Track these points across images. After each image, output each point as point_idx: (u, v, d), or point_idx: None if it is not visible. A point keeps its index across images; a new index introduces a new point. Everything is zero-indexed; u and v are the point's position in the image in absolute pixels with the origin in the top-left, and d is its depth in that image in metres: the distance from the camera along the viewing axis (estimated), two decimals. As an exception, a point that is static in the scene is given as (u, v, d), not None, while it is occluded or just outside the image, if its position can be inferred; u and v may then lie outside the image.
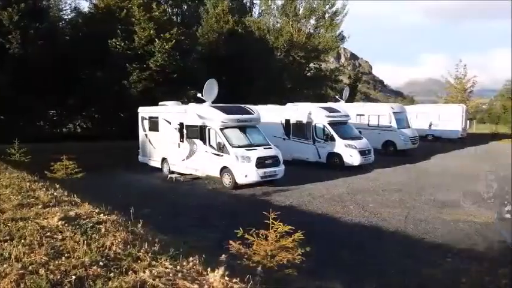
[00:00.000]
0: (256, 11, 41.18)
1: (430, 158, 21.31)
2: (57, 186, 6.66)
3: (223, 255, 3.41)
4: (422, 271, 6.61)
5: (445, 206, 11.01)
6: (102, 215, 4.59)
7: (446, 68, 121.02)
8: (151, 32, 23.13)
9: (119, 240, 3.53)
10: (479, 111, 60.97)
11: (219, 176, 13.84)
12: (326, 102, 25.51)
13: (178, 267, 3.00)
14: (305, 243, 4.57)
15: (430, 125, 30.71)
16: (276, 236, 3.96)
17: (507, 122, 37.06)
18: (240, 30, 30.43)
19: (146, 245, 3.42)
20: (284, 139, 18.69)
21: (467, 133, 32.39)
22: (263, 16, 40.05)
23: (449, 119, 30.30)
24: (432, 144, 28.11)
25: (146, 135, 17.67)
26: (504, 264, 7.03)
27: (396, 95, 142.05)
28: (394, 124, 21.90)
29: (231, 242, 4.00)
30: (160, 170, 16.60)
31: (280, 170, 13.84)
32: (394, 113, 22.25)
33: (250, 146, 13.72)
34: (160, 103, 17.48)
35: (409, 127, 23.20)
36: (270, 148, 14.02)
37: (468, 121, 34.52)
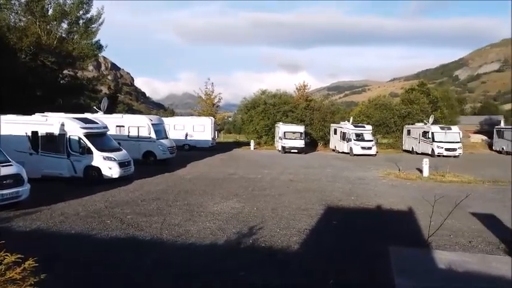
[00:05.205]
0: (-9, 3, 34.29)
1: (187, 165, 23.33)
2: None
3: None
4: (174, 277, 7.21)
5: (196, 208, 12.33)
6: None
7: (198, 84, 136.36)
8: None
9: None
10: (226, 123, 71.78)
11: None
12: (84, 112, 24.08)
13: None
14: (44, 270, 4.23)
15: (186, 136, 33.74)
16: (1, 269, 3.50)
17: (245, 132, 45.34)
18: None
19: None
20: (31, 154, 16.47)
21: (216, 142, 37.48)
22: (1, 11, 33.77)
23: (201, 130, 34.25)
24: (188, 153, 30.85)
25: None
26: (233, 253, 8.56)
27: (158, 107, 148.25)
28: (153, 135, 22.85)
29: None
30: None
31: (24, 190, 12.00)
32: (152, 124, 23.22)
33: (-20, 165, 11.35)
34: None
35: (167, 138, 24.69)
36: (11, 165, 11.98)
37: (217, 132, 40.15)
